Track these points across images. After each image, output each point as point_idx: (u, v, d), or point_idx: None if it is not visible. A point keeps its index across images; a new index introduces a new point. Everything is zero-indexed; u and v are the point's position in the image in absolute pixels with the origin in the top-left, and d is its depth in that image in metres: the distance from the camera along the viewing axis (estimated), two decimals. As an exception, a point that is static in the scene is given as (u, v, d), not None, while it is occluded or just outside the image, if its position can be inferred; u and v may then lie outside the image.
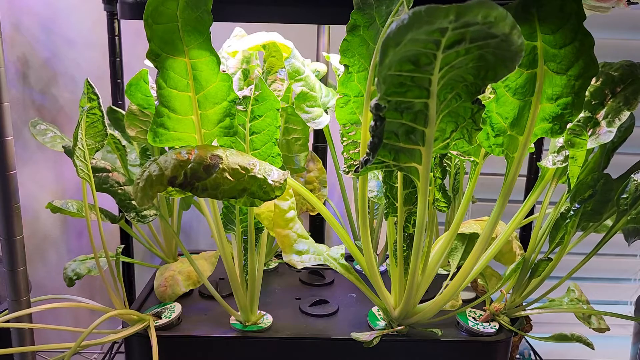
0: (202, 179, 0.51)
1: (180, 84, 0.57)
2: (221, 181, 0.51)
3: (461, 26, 0.39)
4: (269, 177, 0.54)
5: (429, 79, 0.47)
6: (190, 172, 0.51)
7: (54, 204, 0.75)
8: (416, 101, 0.48)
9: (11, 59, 1.00)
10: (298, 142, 0.81)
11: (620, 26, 1.11)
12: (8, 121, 0.59)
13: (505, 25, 0.40)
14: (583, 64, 0.52)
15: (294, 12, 0.63)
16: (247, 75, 0.75)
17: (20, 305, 0.62)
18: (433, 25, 0.38)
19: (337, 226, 0.64)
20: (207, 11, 0.54)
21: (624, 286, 1.23)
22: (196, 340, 0.67)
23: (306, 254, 0.64)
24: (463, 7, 0.37)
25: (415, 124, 0.51)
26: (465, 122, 0.52)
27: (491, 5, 0.38)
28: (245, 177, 0.52)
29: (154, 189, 0.50)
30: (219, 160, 0.52)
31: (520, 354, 1.04)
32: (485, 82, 0.49)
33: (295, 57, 0.74)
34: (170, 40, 0.54)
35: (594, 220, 0.68)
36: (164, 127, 0.58)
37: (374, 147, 0.47)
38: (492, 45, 0.43)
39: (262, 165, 0.55)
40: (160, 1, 0.52)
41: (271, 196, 0.54)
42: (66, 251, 1.11)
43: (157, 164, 0.51)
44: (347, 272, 0.65)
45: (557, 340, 0.71)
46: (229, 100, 0.60)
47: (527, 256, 0.70)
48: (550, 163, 0.65)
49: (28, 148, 1.04)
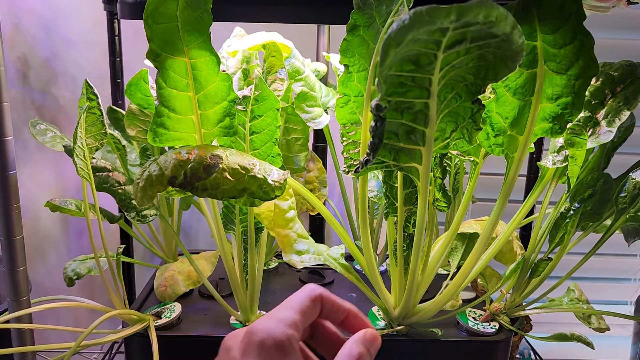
0: (202, 179, 0.51)
1: (180, 83, 0.57)
2: (221, 181, 0.51)
3: (462, 26, 0.39)
4: (269, 177, 0.54)
5: (429, 79, 0.46)
6: (190, 172, 0.51)
7: (53, 202, 0.75)
8: (417, 101, 0.48)
9: (11, 59, 1.00)
10: (298, 142, 0.81)
11: (620, 26, 1.11)
12: (8, 121, 0.59)
13: (507, 25, 0.40)
14: (583, 63, 0.52)
15: (294, 12, 0.63)
16: (247, 75, 0.75)
17: (20, 305, 0.62)
18: (434, 25, 0.38)
19: (337, 226, 0.64)
20: (207, 11, 0.54)
21: (624, 286, 1.23)
22: (196, 340, 0.67)
23: (306, 254, 0.64)
24: (464, 7, 0.37)
25: (415, 124, 0.51)
26: (465, 122, 0.52)
27: (492, 5, 0.38)
28: (245, 177, 0.52)
29: (154, 188, 0.50)
30: (219, 160, 0.52)
31: (520, 354, 1.04)
32: (486, 81, 0.49)
33: (295, 57, 0.74)
34: (170, 40, 0.54)
35: (594, 219, 0.68)
36: (164, 127, 0.58)
37: (375, 147, 0.47)
38: (493, 45, 0.43)
39: (262, 165, 0.55)
40: (160, 1, 0.52)
41: (271, 196, 0.54)
42: (66, 251, 1.11)
43: (157, 164, 0.51)
44: (347, 272, 0.65)
45: (557, 340, 0.71)
46: (229, 100, 0.60)
47: (527, 256, 0.70)
48: (550, 163, 0.65)
49: (28, 148, 1.04)
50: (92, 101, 0.66)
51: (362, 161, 0.49)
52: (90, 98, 0.66)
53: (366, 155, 0.48)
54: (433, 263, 0.65)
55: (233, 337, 0.37)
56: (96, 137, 0.67)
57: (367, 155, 0.48)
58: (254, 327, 0.34)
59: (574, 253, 0.76)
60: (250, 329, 0.35)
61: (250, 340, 0.34)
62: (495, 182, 1.12)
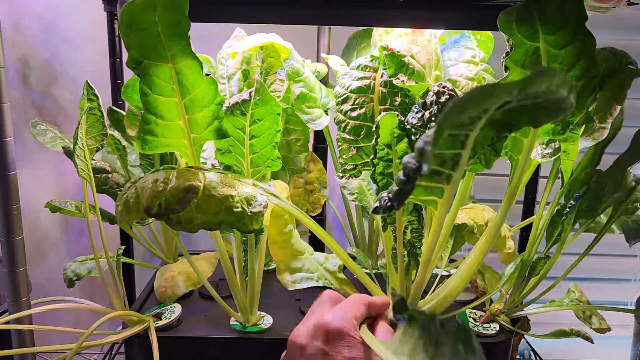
0: (176, 212, 0.49)
1: (165, 89, 0.56)
2: (194, 215, 0.50)
3: (523, 98, 0.38)
4: (250, 208, 0.52)
5: (467, 134, 0.44)
6: (164, 204, 0.49)
7: (53, 203, 0.75)
8: (448, 152, 0.47)
9: (11, 59, 1.00)
10: (298, 143, 0.81)
11: (620, 26, 1.11)
12: (8, 122, 0.59)
13: (564, 90, 0.38)
14: (584, 64, 0.52)
15: (294, 13, 0.63)
16: (247, 76, 0.75)
17: (20, 306, 0.62)
18: (495, 102, 0.37)
19: (328, 240, 0.62)
20: (185, 15, 0.52)
21: (624, 286, 1.23)
22: (196, 341, 0.67)
23: (298, 272, 0.63)
24: (526, 82, 0.35)
25: (443, 168, 0.49)
26: (485, 149, 0.51)
27: (552, 73, 0.36)
28: (221, 212, 0.51)
29: (131, 215, 0.50)
30: (193, 195, 0.50)
31: (520, 355, 1.04)
32: (521, 126, 0.46)
33: (294, 58, 0.74)
34: (151, 46, 0.53)
35: (590, 216, 0.68)
36: (152, 134, 0.57)
37: (401, 198, 0.41)
38: (544, 104, 0.41)
39: (243, 193, 0.53)
40: (137, 8, 0.51)
41: (249, 229, 0.52)
42: (66, 252, 1.11)
43: (135, 190, 0.50)
44: (344, 285, 0.65)
45: (556, 336, 0.71)
46: (216, 104, 0.59)
47: (525, 255, 0.70)
48: (540, 156, 0.64)
49: (28, 148, 1.04)
50: (92, 102, 0.66)
51: (385, 205, 0.44)
52: (90, 99, 0.66)
53: (389, 201, 0.43)
54: (432, 264, 0.64)
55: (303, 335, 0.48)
56: (97, 138, 0.67)
57: (389, 200, 0.43)
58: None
59: (572, 254, 0.75)
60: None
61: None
62: (494, 183, 1.12)
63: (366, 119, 0.64)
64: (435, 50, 0.69)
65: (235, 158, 0.65)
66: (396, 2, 0.60)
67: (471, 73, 0.71)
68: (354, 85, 0.65)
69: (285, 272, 0.63)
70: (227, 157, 0.65)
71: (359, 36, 0.93)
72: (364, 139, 0.64)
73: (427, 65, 0.68)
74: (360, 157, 0.65)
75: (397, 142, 0.57)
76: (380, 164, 0.58)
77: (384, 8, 0.62)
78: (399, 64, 0.63)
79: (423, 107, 0.56)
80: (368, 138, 0.64)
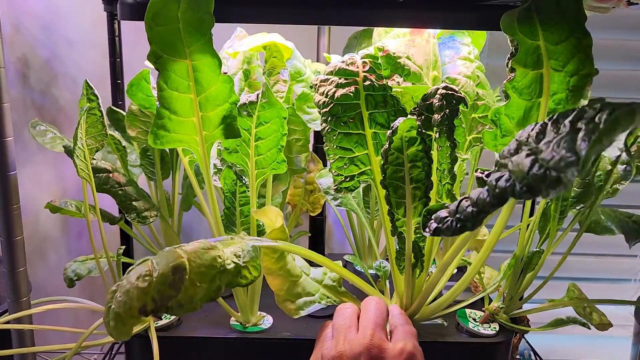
0: (173, 297, 0.45)
1: (181, 85, 0.57)
2: (192, 292, 0.46)
3: None
4: (241, 259, 0.49)
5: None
6: (158, 295, 0.45)
7: (53, 203, 0.75)
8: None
9: (11, 59, 1.00)
10: (298, 143, 0.81)
11: (620, 26, 1.11)
12: (8, 122, 0.59)
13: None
14: (579, 61, 0.52)
15: (295, 13, 0.63)
16: (248, 76, 0.75)
17: (20, 306, 0.62)
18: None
19: (323, 261, 0.61)
20: (209, 12, 0.54)
21: (624, 286, 1.23)
22: (196, 341, 0.67)
23: (300, 298, 0.61)
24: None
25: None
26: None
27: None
28: (216, 276, 0.48)
29: (128, 325, 0.44)
30: (182, 272, 0.46)
31: (520, 354, 1.04)
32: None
33: (296, 58, 0.74)
34: (171, 42, 0.54)
35: (580, 204, 0.70)
36: (165, 129, 0.58)
37: (481, 217, 0.38)
38: None
39: (226, 249, 0.49)
40: (162, 4, 0.52)
41: (250, 279, 0.50)
42: (66, 252, 1.11)
43: (120, 297, 0.44)
44: (346, 297, 0.64)
45: (553, 326, 0.70)
46: (231, 102, 0.60)
47: (519, 251, 0.70)
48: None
49: (28, 148, 1.04)
50: (92, 102, 0.66)
51: (455, 226, 0.40)
52: (90, 99, 0.66)
53: (459, 222, 0.39)
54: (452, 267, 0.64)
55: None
56: (96, 138, 0.67)
57: (460, 221, 0.39)
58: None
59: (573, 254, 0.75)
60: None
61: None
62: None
63: (357, 127, 0.61)
64: (433, 50, 0.69)
65: (242, 158, 0.65)
66: (396, 2, 0.60)
67: (468, 71, 0.70)
68: (339, 93, 0.60)
69: (286, 301, 0.61)
70: (234, 156, 0.66)
71: (359, 36, 0.93)
72: (358, 147, 0.61)
73: (424, 66, 0.68)
74: (358, 167, 0.61)
75: (409, 146, 0.55)
76: (390, 169, 0.56)
77: (383, 8, 0.62)
78: (394, 65, 0.63)
79: (427, 111, 0.56)
80: (362, 146, 0.61)
